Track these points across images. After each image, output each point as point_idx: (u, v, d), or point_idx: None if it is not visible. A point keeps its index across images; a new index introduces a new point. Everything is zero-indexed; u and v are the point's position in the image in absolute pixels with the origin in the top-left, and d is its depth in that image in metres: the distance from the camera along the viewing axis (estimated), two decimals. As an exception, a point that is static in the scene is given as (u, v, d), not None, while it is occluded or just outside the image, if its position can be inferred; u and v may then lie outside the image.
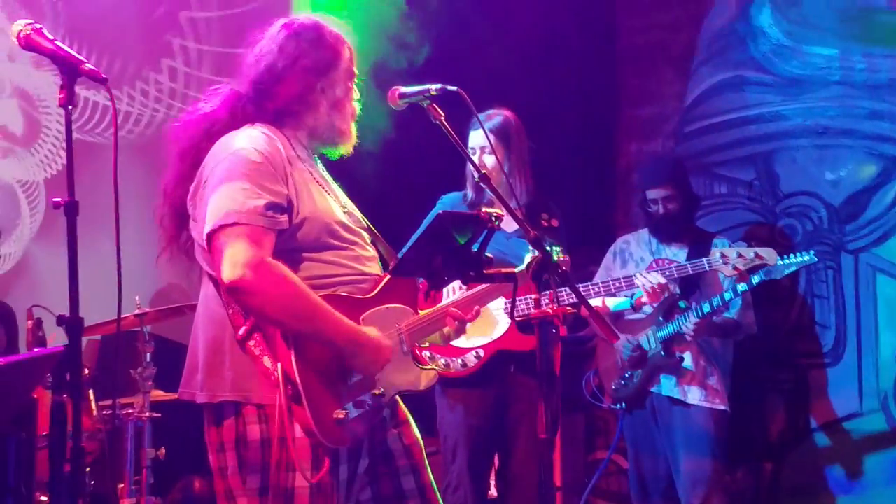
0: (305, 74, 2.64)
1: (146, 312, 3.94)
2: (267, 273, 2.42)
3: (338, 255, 2.59)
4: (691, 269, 4.13)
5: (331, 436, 2.47)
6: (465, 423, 3.99)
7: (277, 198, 2.49)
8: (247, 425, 2.50)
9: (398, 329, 2.63)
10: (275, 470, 2.47)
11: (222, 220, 2.44)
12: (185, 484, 4.71)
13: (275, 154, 2.53)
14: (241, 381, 2.49)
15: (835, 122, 5.12)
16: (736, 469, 5.18)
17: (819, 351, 5.08)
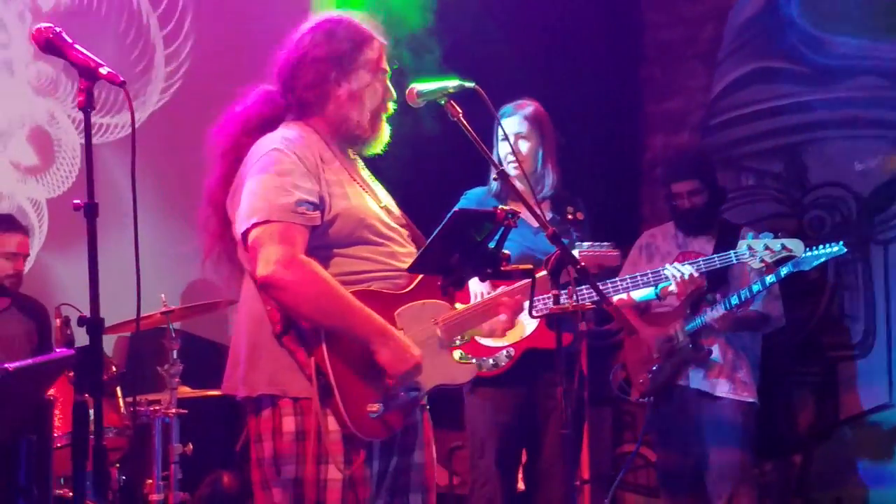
0: (316, 64, 2.69)
1: (172, 310, 3.98)
2: (298, 269, 2.48)
3: (372, 251, 2.64)
4: (719, 262, 4.12)
5: (364, 429, 2.52)
6: (494, 420, 3.99)
7: (309, 195, 2.55)
8: (282, 417, 2.56)
9: (435, 323, 2.66)
10: (308, 462, 2.53)
11: (256, 218, 2.52)
12: (214, 479, 4.77)
13: (307, 152, 2.60)
14: (279, 375, 2.55)
15: (863, 113, 5.07)
16: (764, 462, 5.16)
17: (848, 343, 5.05)
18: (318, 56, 2.69)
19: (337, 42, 2.71)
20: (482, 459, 4.03)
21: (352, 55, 2.71)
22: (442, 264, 2.63)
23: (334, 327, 2.51)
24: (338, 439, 2.54)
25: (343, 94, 2.70)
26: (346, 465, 2.54)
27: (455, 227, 2.59)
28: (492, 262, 2.63)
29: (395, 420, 2.57)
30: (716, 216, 4.57)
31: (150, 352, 4.19)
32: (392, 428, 2.57)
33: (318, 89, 2.69)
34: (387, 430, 2.56)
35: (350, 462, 2.54)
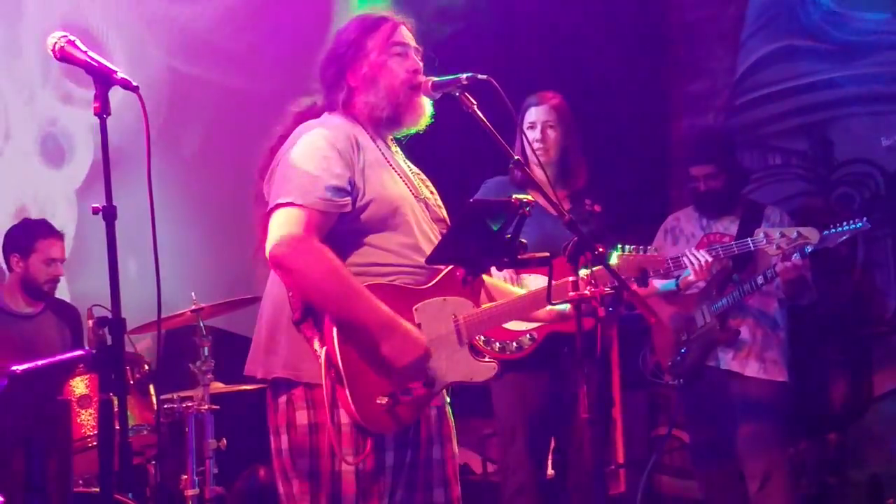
0: (332, 62, 2.77)
1: (202, 307, 4.04)
2: (305, 251, 2.52)
3: (401, 243, 2.65)
4: (737, 249, 4.12)
5: (373, 421, 2.55)
6: (523, 406, 3.99)
7: (339, 180, 2.58)
8: (296, 410, 2.60)
9: (455, 321, 2.67)
10: (323, 455, 2.57)
11: (281, 199, 2.57)
12: (250, 472, 4.83)
13: (341, 137, 2.64)
14: (294, 360, 2.59)
15: (888, 88, 5.04)
16: (799, 441, 5.14)
17: (880, 319, 5.02)
18: (333, 54, 2.78)
19: (346, 36, 2.78)
20: (512, 446, 4.04)
21: (360, 42, 2.75)
22: (460, 254, 2.65)
23: (338, 314, 2.52)
24: (348, 431, 2.56)
25: (359, 81, 2.74)
26: (356, 457, 2.55)
27: (471, 218, 2.61)
28: (509, 251, 2.65)
29: (405, 414, 2.58)
30: (736, 198, 4.56)
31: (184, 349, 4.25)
32: (402, 422, 2.59)
33: (338, 85, 2.76)
34: (397, 423, 2.57)
35: (363, 453, 2.56)
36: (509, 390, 4.01)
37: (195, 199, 5.33)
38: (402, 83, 2.73)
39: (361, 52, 2.74)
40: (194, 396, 3.99)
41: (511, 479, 4.05)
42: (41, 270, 4.44)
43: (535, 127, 4.08)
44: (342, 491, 2.57)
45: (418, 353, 2.56)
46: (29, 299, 4.51)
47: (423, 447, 2.70)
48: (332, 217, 2.59)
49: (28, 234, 4.46)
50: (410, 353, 2.55)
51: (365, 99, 2.74)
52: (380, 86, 2.73)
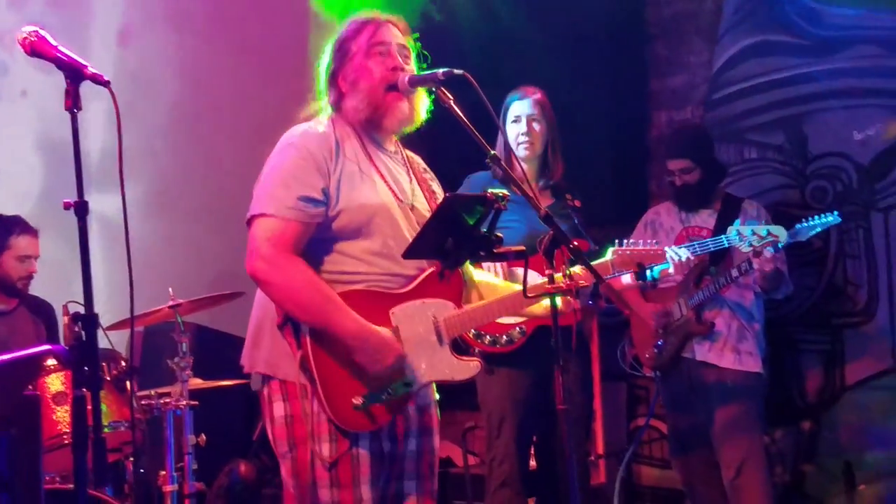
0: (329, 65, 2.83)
1: (180, 303, 4.04)
2: (280, 266, 2.60)
3: (376, 250, 2.70)
4: (712, 246, 4.18)
5: (346, 421, 2.63)
6: (511, 398, 4.03)
7: (312, 191, 2.64)
8: (273, 402, 2.71)
9: (435, 322, 2.73)
10: (298, 443, 2.66)
11: (254, 210, 2.65)
12: (231, 468, 4.85)
13: (320, 146, 2.69)
14: (275, 358, 2.69)
15: (862, 82, 5.08)
16: (775, 430, 5.20)
17: (852, 309, 5.08)
18: (325, 61, 2.84)
19: (337, 40, 2.83)
20: (499, 439, 4.07)
21: (346, 46, 2.81)
22: (436, 249, 2.69)
23: (312, 323, 2.61)
24: (323, 420, 2.64)
25: (346, 86, 2.79)
26: (333, 447, 2.63)
27: (447, 212, 2.64)
28: (485, 245, 2.69)
29: (381, 414, 2.66)
30: (713, 191, 4.60)
31: (163, 346, 4.26)
32: (378, 421, 2.66)
33: (331, 89, 2.82)
34: (372, 423, 2.64)
35: (336, 443, 2.64)
36: (498, 383, 4.04)
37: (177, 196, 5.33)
38: (380, 83, 2.76)
39: (347, 55, 2.79)
40: (172, 392, 4.00)
41: (497, 472, 4.08)
42: (15, 267, 4.42)
43: (519, 120, 4.12)
44: (317, 477, 2.64)
45: (391, 360, 2.63)
46: (3, 296, 4.50)
47: (400, 441, 2.75)
48: (309, 227, 2.65)
49: (1, 230, 4.44)
50: (384, 360, 2.62)
51: (350, 103, 2.78)
52: (360, 88, 2.77)
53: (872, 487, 4.95)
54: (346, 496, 2.63)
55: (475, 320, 2.81)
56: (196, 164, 5.35)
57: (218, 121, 5.46)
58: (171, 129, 5.33)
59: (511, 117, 4.14)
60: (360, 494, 2.64)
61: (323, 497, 2.64)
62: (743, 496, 4.34)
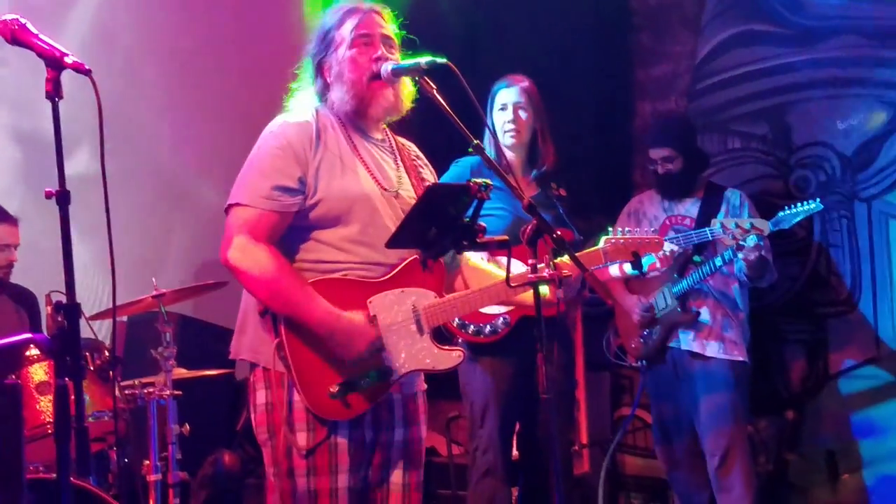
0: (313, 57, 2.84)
1: (163, 293, 4.03)
2: (252, 254, 2.61)
3: (353, 239, 2.71)
4: (696, 238, 4.21)
5: (323, 409, 2.64)
6: (495, 388, 4.03)
7: (287, 180, 2.65)
8: (256, 390, 2.73)
9: (414, 311, 2.72)
10: (277, 431, 2.67)
11: (231, 200, 2.67)
12: (215, 458, 4.85)
13: (296, 136, 2.69)
14: (257, 345, 2.71)
15: (845, 72, 5.09)
16: (759, 419, 5.23)
17: (836, 299, 5.10)
18: (310, 51, 2.85)
19: (322, 31, 2.83)
20: (482, 428, 4.07)
21: (329, 38, 2.81)
22: (419, 238, 2.68)
23: (283, 311, 2.62)
24: (302, 408, 2.65)
25: (331, 77, 2.80)
26: (310, 435, 2.65)
27: (430, 202, 2.63)
28: (468, 235, 2.67)
29: (358, 403, 2.66)
30: (696, 180, 4.62)
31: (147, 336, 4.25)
32: (355, 410, 2.66)
33: (316, 80, 2.83)
34: (350, 411, 2.65)
35: (313, 431, 2.65)
36: (482, 373, 4.04)
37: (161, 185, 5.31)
38: (363, 73, 2.76)
39: (331, 45, 2.79)
40: (156, 382, 3.99)
41: (480, 461, 4.08)
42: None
43: (506, 108, 4.11)
44: (294, 465, 2.65)
45: (363, 346, 2.63)
46: None
47: (383, 429, 2.75)
48: (285, 216, 2.66)
49: None
50: (356, 346, 2.63)
51: (335, 94, 2.79)
52: (344, 79, 2.77)
53: (855, 477, 4.99)
54: (322, 484, 2.64)
55: (456, 309, 2.80)
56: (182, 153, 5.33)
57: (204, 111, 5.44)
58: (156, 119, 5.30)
59: (498, 105, 4.13)
60: (337, 483, 2.64)
61: (300, 485, 2.64)
62: (727, 484, 4.36)
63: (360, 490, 2.71)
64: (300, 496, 2.64)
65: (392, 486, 2.78)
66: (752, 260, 4.17)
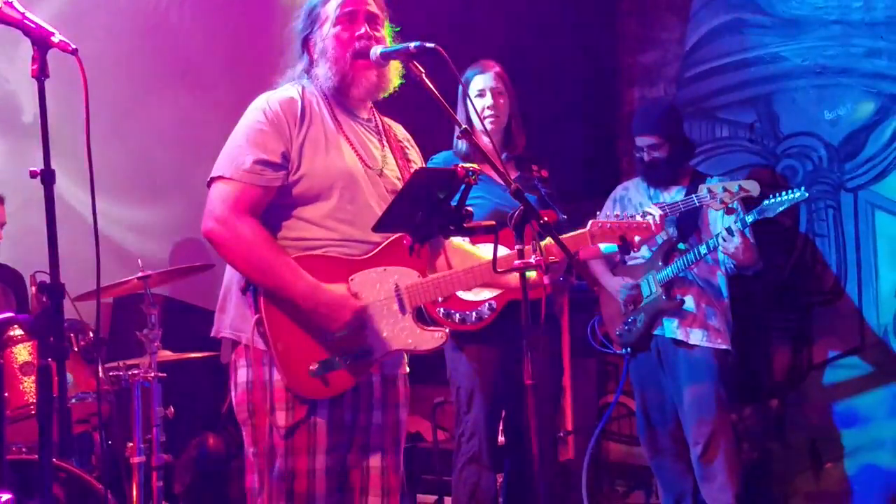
0: (298, 33, 2.85)
1: (149, 275, 4.01)
2: (232, 227, 2.61)
3: (335, 217, 2.70)
4: (682, 206, 4.18)
5: (303, 387, 2.63)
6: (481, 374, 4.03)
7: (270, 155, 2.65)
8: (237, 368, 2.72)
9: (397, 290, 2.72)
10: (258, 410, 2.67)
11: (213, 173, 2.67)
12: (200, 441, 4.84)
13: (281, 111, 2.69)
14: (239, 322, 2.70)
15: (833, 62, 5.11)
16: (743, 407, 5.25)
17: (821, 288, 5.12)
18: (296, 28, 2.85)
19: (307, 7, 2.84)
20: (468, 414, 4.07)
21: (314, 16, 2.82)
22: (406, 222, 2.67)
23: (264, 285, 2.61)
24: (282, 387, 2.65)
25: (316, 54, 2.81)
26: (289, 414, 2.64)
27: (418, 186, 2.62)
28: (455, 220, 2.67)
29: (338, 381, 2.65)
30: (682, 168, 4.62)
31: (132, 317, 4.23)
32: (335, 389, 2.65)
33: (301, 57, 2.84)
34: (329, 390, 2.65)
35: (293, 411, 2.65)
36: (468, 358, 4.04)
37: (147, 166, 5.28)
38: (346, 50, 2.76)
39: (316, 23, 2.80)
40: (141, 364, 3.98)
41: (465, 447, 4.08)
42: None
43: (484, 94, 4.09)
44: (274, 445, 2.65)
45: (348, 315, 2.63)
46: None
47: (362, 411, 2.75)
48: (268, 191, 2.66)
49: None
50: (341, 317, 2.62)
51: (319, 70, 2.79)
52: (328, 56, 2.78)
53: (838, 465, 5.01)
54: (300, 464, 2.64)
55: (440, 289, 2.79)
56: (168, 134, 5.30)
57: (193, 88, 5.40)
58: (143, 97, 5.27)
59: (474, 91, 4.11)
60: (315, 463, 2.64)
61: (278, 465, 2.64)
62: (710, 473, 4.38)
63: (338, 471, 2.71)
64: (278, 476, 2.64)
65: (371, 469, 2.78)
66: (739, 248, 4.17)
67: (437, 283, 2.78)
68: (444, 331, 2.80)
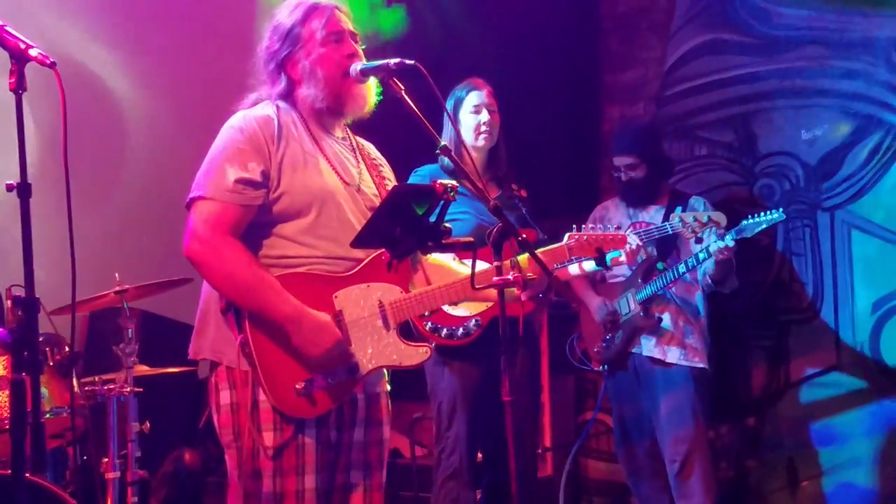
0: (274, 55, 2.80)
1: (126, 289, 3.99)
2: (216, 247, 2.58)
3: (316, 234, 2.69)
4: (657, 233, 4.22)
5: (289, 406, 2.61)
6: (464, 391, 4.03)
7: (251, 173, 2.63)
8: (220, 391, 2.68)
9: (380, 306, 2.71)
10: (243, 432, 2.63)
11: (193, 193, 2.64)
12: (176, 456, 4.81)
13: (259, 130, 2.68)
14: (219, 344, 2.67)
15: (810, 82, 5.15)
16: (720, 425, 5.26)
17: (798, 307, 5.15)
18: (270, 48, 2.81)
19: (281, 28, 2.80)
20: (449, 430, 4.06)
21: (296, 34, 2.79)
22: (385, 238, 2.67)
23: (248, 306, 2.59)
24: (267, 409, 2.62)
25: (298, 73, 2.78)
26: (277, 435, 2.62)
27: (396, 202, 2.62)
28: (433, 236, 2.67)
29: (324, 399, 2.64)
30: (660, 188, 4.65)
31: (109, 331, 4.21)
32: (322, 407, 2.64)
33: (277, 79, 2.80)
34: (316, 408, 2.63)
35: (280, 431, 2.62)
36: (451, 374, 4.04)
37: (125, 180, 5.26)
38: (338, 70, 2.75)
39: (298, 43, 2.77)
40: (117, 379, 3.96)
41: (445, 463, 4.07)
42: None
43: (480, 110, 4.12)
44: (261, 466, 2.62)
45: (330, 343, 2.61)
46: None
47: (347, 429, 2.74)
48: (249, 210, 2.64)
49: None
50: (322, 343, 2.60)
51: (305, 91, 2.77)
52: (318, 77, 2.76)
53: (814, 484, 5.03)
54: (289, 485, 2.62)
55: (423, 304, 2.79)
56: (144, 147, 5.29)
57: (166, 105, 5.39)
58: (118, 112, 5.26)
59: (469, 108, 4.14)
60: (304, 483, 2.63)
61: (266, 487, 2.61)
62: (687, 490, 4.38)
63: (325, 491, 2.70)
64: (266, 498, 2.61)
65: (354, 487, 2.76)
66: (721, 260, 4.20)
67: (420, 298, 2.78)
68: (429, 346, 2.80)
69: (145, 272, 4.63)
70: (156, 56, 5.41)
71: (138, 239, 5.01)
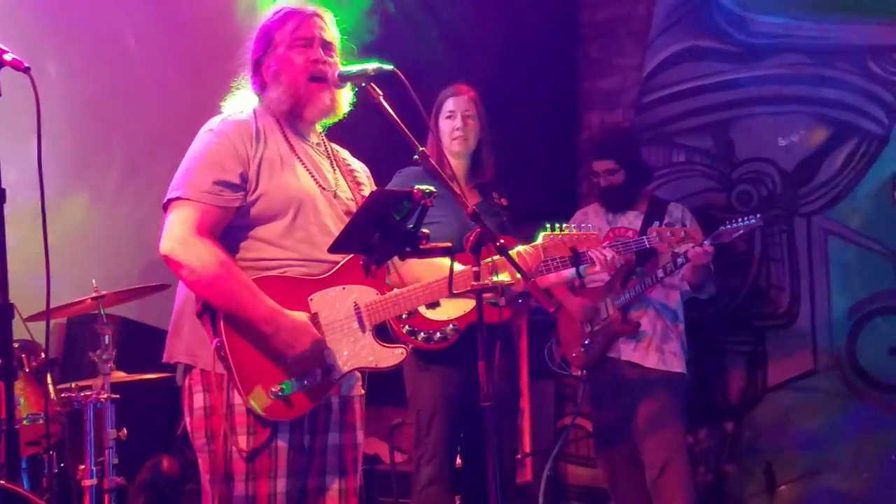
0: (252, 55, 2.83)
1: (103, 295, 3.97)
2: (192, 248, 2.57)
3: (293, 237, 2.69)
4: (634, 246, 4.24)
5: (265, 410, 2.59)
6: (443, 396, 4.02)
7: (228, 175, 2.63)
8: (193, 394, 2.67)
9: (356, 308, 2.71)
10: (217, 435, 2.62)
11: (170, 194, 2.63)
12: (154, 463, 4.78)
13: (236, 132, 2.68)
14: (194, 347, 2.66)
15: (787, 89, 5.19)
16: (698, 430, 5.28)
17: (775, 312, 5.18)
18: (250, 51, 2.83)
19: (261, 31, 2.83)
20: (428, 436, 4.05)
21: (269, 37, 2.81)
22: (363, 244, 2.66)
23: (225, 308, 2.58)
24: (243, 412, 2.62)
25: (269, 76, 2.80)
26: (249, 440, 2.61)
27: (374, 208, 2.62)
28: (411, 241, 2.67)
29: (301, 402, 2.63)
30: (638, 193, 4.67)
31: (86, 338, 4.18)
32: (298, 410, 2.63)
33: (254, 79, 2.82)
34: (292, 412, 2.62)
35: (254, 434, 2.61)
36: (430, 380, 4.02)
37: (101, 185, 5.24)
38: (301, 75, 2.76)
39: (270, 46, 2.79)
40: (93, 385, 3.93)
41: (425, 469, 4.05)
42: None
43: (454, 116, 4.12)
44: (233, 470, 2.61)
45: (307, 343, 2.60)
46: None
47: (320, 433, 2.73)
48: (227, 211, 2.64)
49: None
50: (299, 345, 2.60)
51: (272, 94, 2.79)
52: (282, 80, 2.77)
53: (792, 487, 5.06)
54: (261, 489, 2.61)
55: (399, 306, 2.78)
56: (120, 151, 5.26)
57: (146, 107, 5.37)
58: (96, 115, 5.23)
59: (445, 113, 4.15)
60: (276, 487, 2.62)
61: (238, 490, 2.60)
62: (666, 495, 4.39)
63: (297, 494, 2.69)
64: (237, 501, 2.61)
65: (328, 492, 2.75)
66: (700, 264, 4.22)
67: (395, 299, 2.78)
68: (405, 347, 2.80)
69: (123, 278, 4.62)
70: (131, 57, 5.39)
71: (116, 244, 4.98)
